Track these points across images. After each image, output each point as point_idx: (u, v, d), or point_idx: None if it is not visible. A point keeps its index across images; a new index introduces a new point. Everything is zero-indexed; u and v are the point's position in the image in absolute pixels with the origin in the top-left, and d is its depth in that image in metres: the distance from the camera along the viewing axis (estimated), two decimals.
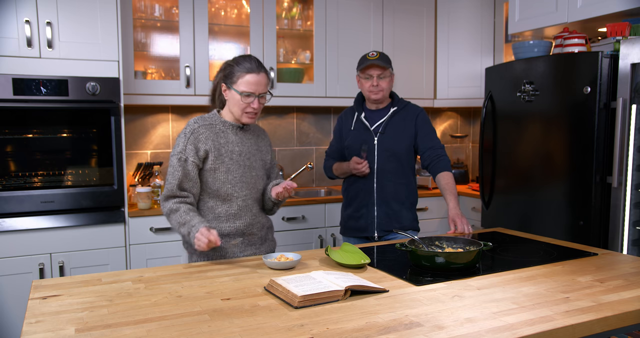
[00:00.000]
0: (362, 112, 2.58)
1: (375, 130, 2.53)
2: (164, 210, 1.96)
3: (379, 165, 2.50)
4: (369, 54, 2.49)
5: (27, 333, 1.21)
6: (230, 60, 2.02)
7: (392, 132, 2.51)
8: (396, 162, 2.50)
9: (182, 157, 1.94)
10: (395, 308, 1.36)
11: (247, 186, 2.02)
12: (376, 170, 2.50)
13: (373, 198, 2.51)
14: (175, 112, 3.49)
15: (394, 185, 2.50)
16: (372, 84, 2.47)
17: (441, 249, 1.85)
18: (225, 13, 3.45)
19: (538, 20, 3.11)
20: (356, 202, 2.56)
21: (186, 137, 1.95)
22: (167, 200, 1.96)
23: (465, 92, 3.86)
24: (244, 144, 2.03)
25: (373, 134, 2.52)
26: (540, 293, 1.47)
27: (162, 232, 2.93)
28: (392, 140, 2.50)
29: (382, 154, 2.50)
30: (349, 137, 2.59)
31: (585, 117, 2.61)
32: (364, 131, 2.54)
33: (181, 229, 1.90)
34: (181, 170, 1.93)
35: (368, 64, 2.44)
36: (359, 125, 2.56)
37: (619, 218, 2.49)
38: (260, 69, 1.96)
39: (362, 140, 2.53)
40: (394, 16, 3.73)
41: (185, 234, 1.89)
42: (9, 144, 2.63)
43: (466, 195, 3.66)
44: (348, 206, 2.61)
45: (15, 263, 2.62)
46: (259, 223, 2.08)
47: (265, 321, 1.28)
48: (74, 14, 2.68)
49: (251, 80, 1.93)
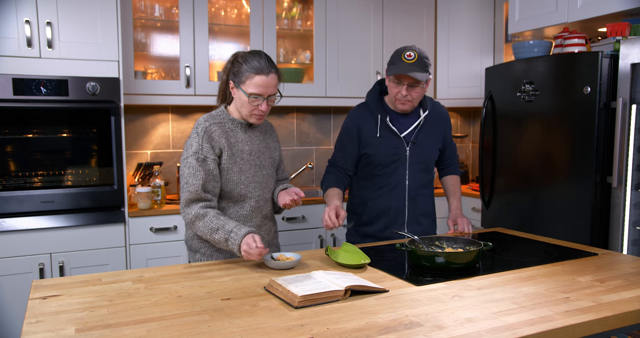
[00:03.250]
0: (386, 114, 2.20)
1: (407, 138, 2.19)
2: (188, 216, 1.83)
3: (410, 180, 2.21)
4: (405, 55, 2.05)
5: (27, 333, 1.21)
6: (240, 55, 1.90)
7: (424, 140, 2.22)
8: (426, 173, 2.25)
9: (199, 156, 1.84)
10: (395, 308, 1.36)
11: (260, 186, 1.98)
12: (408, 186, 2.21)
13: (404, 217, 2.23)
14: (175, 112, 3.49)
15: (423, 198, 2.26)
16: (400, 92, 2.10)
17: (441, 249, 1.85)
18: (225, 13, 3.45)
19: (538, 20, 3.11)
20: (382, 222, 2.23)
21: (199, 136, 1.86)
22: (191, 204, 1.83)
23: (465, 92, 3.86)
24: (253, 143, 1.97)
25: (405, 143, 2.19)
26: (540, 293, 1.47)
27: (162, 232, 2.93)
28: (424, 150, 2.23)
29: (414, 166, 2.21)
30: (372, 144, 2.20)
31: (585, 117, 2.61)
32: (393, 139, 2.19)
33: (214, 236, 1.79)
34: (202, 170, 1.83)
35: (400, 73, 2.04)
36: (385, 131, 2.19)
37: (619, 218, 2.49)
38: (271, 69, 1.85)
39: (392, 150, 2.18)
40: (394, 16, 3.73)
41: (220, 241, 1.78)
42: (9, 144, 2.63)
43: (466, 195, 3.66)
44: (370, 223, 2.25)
45: (15, 263, 2.62)
46: (267, 226, 2.06)
47: (265, 321, 1.28)
48: (74, 14, 2.68)
49: (260, 82, 1.83)
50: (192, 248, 2.02)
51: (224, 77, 1.98)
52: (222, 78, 1.99)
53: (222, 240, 1.78)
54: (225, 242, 1.77)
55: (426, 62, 2.08)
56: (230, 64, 1.93)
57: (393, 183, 2.22)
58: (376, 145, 2.20)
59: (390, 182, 2.22)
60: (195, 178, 1.83)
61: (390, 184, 2.22)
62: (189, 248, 2.04)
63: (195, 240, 2.00)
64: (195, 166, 1.83)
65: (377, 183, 2.24)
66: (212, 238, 1.81)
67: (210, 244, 1.97)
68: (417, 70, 2.04)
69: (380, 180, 2.23)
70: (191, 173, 1.84)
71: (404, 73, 2.04)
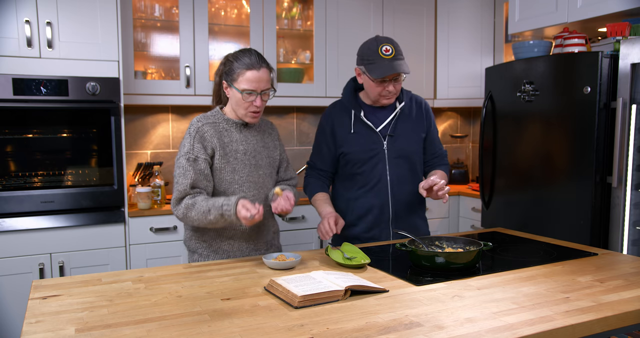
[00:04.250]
0: (359, 109, 2.14)
1: (383, 132, 2.13)
2: (179, 212, 1.84)
3: (391, 175, 2.12)
4: (382, 50, 1.99)
5: (27, 333, 1.21)
6: (231, 54, 1.93)
7: (402, 132, 2.14)
8: (409, 167, 2.16)
9: (190, 156, 1.86)
10: (395, 308, 1.36)
11: (255, 186, 1.97)
12: (389, 181, 2.12)
13: (388, 215, 2.15)
14: (175, 112, 3.49)
15: (408, 195, 2.16)
16: (386, 89, 2.05)
17: (441, 249, 1.85)
18: (225, 13, 3.45)
19: (538, 20, 3.11)
20: (366, 222, 2.15)
21: (191, 136, 1.88)
22: (180, 202, 1.85)
23: (465, 92, 3.86)
24: (248, 142, 1.97)
25: (381, 136, 2.13)
26: (540, 293, 1.47)
27: (162, 232, 2.93)
28: (404, 143, 2.14)
29: (394, 161, 2.12)
30: (347, 142, 2.14)
31: (585, 117, 2.61)
32: (368, 134, 2.13)
33: (209, 217, 1.78)
34: (192, 170, 1.84)
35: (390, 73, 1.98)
36: (359, 126, 2.13)
37: (619, 218, 2.49)
38: (261, 64, 1.87)
39: (369, 146, 2.11)
40: (394, 16, 3.73)
41: (217, 219, 1.77)
42: (9, 144, 2.63)
43: (466, 195, 3.66)
44: (352, 225, 2.16)
45: (15, 263, 2.62)
46: (265, 226, 2.05)
47: (265, 321, 1.27)
48: (74, 14, 2.68)
49: (252, 77, 1.84)
50: (190, 249, 2.03)
51: (217, 79, 1.99)
52: (216, 80, 2.00)
53: (218, 217, 1.77)
54: (221, 217, 1.77)
55: (401, 50, 2.03)
56: (222, 66, 1.95)
57: (374, 181, 2.13)
58: (351, 142, 2.13)
59: (371, 179, 2.13)
60: (185, 178, 1.85)
61: (371, 182, 2.13)
62: (188, 248, 2.05)
63: (192, 241, 2.00)
64: (186, 166, 1.85)
65: (357, 182, 2.16)
66: (209, 222, 1.80)
67: (207, 245, 1.97)
68: (401, 63, 2.00)
69: (360, 179, 2.15)
70: (181, 173, 1.86)
71: (394, 72, 1.98)
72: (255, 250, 2.03)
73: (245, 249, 2.00)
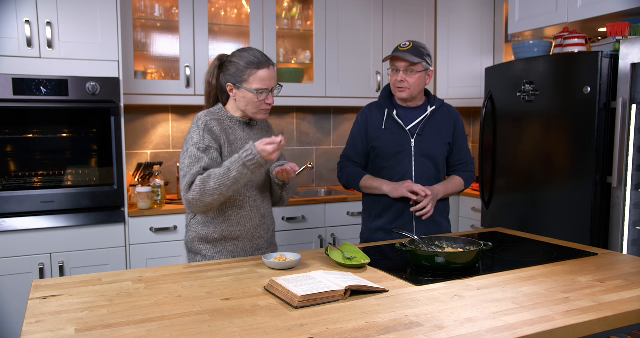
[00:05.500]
0: (392, 108, 2.29)
1: (412, 131, 2.26)
2: (194, 192, 1.75)
3: (416, 171, 2.26)
4: (401, 44, 2.21)
5: (27, 333, 1.21)
6: (229, 56, 1.91)
7: (431, 134, 2.27)
8: (434, 167, 2.28)
9: (201, 146, 1.81)
10: (395, 308, 1.36)
11: (255, 185, 1.98)
12: (414, 177, 2.26)
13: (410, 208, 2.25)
14: (175, 112, 3.50)
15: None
16: (397, 79, 2.21)
17: (441, 249, 1.85)
18: (225, 13, 3.45)
19: (538, 20, 3.11)
20: (390, 214, 2.28)
21: (200, 128, 1.84)
22: (191, 186, 1.77)
23: (465, 92, 3.86)
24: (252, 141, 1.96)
25: (409, 135, 2.26)
26: (540, 293, 1.47)
27: (162, 232, 2.93)
28: (430, 143, 2.26)
29: (419, 159, 2.25)
30: (378, 137, 2.29)
31: (585, 117, 2.61)
32: (398, 131, 2.26)
33: (231, 175, 1.71)
34: (205, 156, 1.79)
35: (393, 56, 2.17)
36: (391, 124, 2.28)
37: (619, 218, 2.49)
38: (269, 61, 1.88)
39: (397, 142, 2.25)
40: (394, 16, 3.73)
41: (240, 172, 1.71)
42: (9, 144, 2.63)
43: (466, 195, 3.66)
44: (378, 217, 2.31)
45: (15, 263, 2.62)
46: (266, 225, 2.05)
47: (265, 321, 1.27)
48: (74, 14, 2.68)
49: (264, 76, 1.85)
50: (192, 251, 2.00)
51: (212, 81, 1.96)
52: (209, 82, 1.97)
53: (241, 169, 1.71)
54: (244, 168, 1.72)
55: (422, 51, 2.19)
56: (218, 68, 1.93)
57: (399, 175, 2.26)
58: (381, 138, 2.28)
59: (397, 173, 2.27)
60: (198, 162, 1.79)
61: (397, 176, 2.27)
62: (189, 250, 2.02)
63: (196, 242, 1.98)
64: (197, 154, 1.80)
65: (384, 175, 2.29)
66: (232, 182, 1.73)
67: (211, 246, 1.96)
68: (408, 56, 2.16)
69: (387, 173, 2.29)
70: (193, 161, 1.80)
71: (394, 55, 2.17)
72: (257, 249, 2.03)
73: (249, 249, 2.00)
